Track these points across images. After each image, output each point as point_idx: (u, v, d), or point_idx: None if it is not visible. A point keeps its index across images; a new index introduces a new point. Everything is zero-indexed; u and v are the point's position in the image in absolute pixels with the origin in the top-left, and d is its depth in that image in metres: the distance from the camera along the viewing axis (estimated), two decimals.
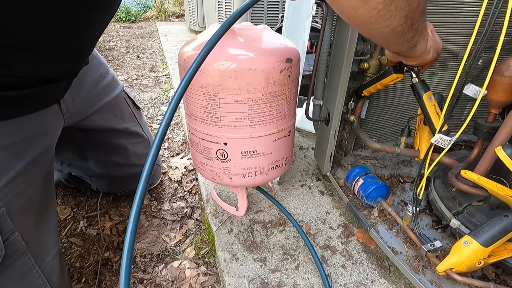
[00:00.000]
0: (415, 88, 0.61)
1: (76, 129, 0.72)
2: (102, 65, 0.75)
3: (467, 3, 0.72)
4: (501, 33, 0.44)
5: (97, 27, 0.54)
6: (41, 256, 0.52)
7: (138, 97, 1.74)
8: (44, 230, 0.54)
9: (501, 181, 0.55)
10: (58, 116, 0.59)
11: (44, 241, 0.54)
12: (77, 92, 0.64)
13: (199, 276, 0.70)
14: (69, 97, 0.61)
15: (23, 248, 0.48)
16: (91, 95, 0.71)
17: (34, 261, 0.50)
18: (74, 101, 0.64)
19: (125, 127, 0.80)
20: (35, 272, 0.50)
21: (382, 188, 0.69)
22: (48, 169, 0.57)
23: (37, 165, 0.52)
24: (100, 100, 0.73)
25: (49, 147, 0.56)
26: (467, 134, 0.73)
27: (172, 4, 4.61)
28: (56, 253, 0.55)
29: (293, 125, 0.65)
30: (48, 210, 0.56)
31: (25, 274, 0.49)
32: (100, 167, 0.83)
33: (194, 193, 0.97)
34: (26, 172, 0.49)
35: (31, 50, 0.43)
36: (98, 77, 0.73)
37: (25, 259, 0.48)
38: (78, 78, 0.61)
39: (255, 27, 0.59)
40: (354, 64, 0.65)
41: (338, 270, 0.64)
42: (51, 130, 0.57)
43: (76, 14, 0.44)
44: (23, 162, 0.49)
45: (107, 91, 0.75)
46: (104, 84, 0.74)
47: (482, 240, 0.49)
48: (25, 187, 0.49)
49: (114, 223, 0.86)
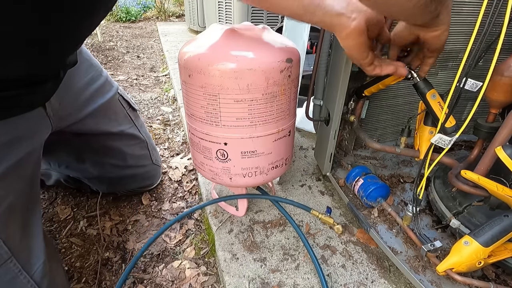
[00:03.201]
0: (418, 87, 0.60)
1: (71, 134, 0.71)
2: (94, 67, 0.74)
3: (467, 3, 0.72)
4: (501, 33, 0.44)
5: (81, 33, 0.53)
6: (30, 262, 0.51)
7: (138, 97, 1.74)
8: (30, 235, 0.53)
9: (501, 181, 0.55)
10: (43, 119, 0.58)
11: (32, 247, 0.53)
12: (64, 95, 0.63)
13: (199, 276, 0.70)
14: (56, 101, 0.60)
15: (7, 255, 0.47)
16: (82, 98, 0.70)
17: (20, 267, 0.49)
18: (62, 104, 0.63)
19: (121, 130, 0.80)
20: (22, 278, 0.49)
21: (382, 188, 0.69)
22: (32, 173, 0.56)
23: (20, 169, 0.51)
24: (93, 103, 0.72)
25: (33, 151, 0.55)
26: (467, 134, 0.73)
27: (172, 4, 4.61)
28: (47, 258, 0.54)
29: (293, 125, 0.65)
30: (33, 215, 0.55)
31: (11, 280, 0.48)
32: (97, 170, 0.83)
33: (194, 193, 0.97)
34: (7, 176, 0.49)
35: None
36: (89, 80, 0.72)
37: (10, 265, 0.48)
38: (66, 81, 0.60)
39: (255, 27, 0.59)
40: (354, 64, 0.65)
41: (338, 270, 0.64)
42: (35, 133, 0.56)
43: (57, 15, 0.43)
44: (2, 167, 0.48)
45: (100, 94, 0.74)
46: (96, 87, 0.73)
47: (482, 240, 0.49)
48: (7, 192, 0.49)
49: (114, 223, 0.86)
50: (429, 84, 0.60)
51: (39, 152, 0.58)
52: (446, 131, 0.58)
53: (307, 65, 1.17)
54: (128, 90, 1.85)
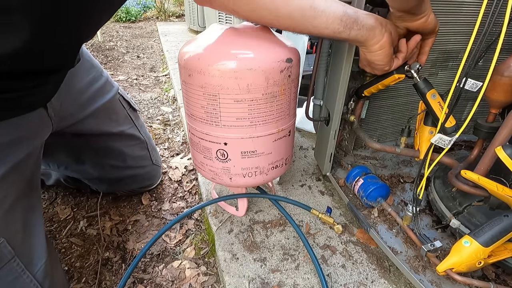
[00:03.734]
0: (418, 87, 0.60)
1: (71, 134, 0.71)
2: (95, 68, 0.74)
3: (467, 3, 0.72)
4: (501, 32, 0.44)
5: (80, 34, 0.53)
6: (32, 261, 0.51)
7: (138, 97, 1.74)
8: (32, 235, 0.53)
9: (501, 181, 0.55)
10: (44, 120, 0.58)
11: (34, 246, 0.53)
12: (66, 95, 0.63)
13: (199, 276, 0.70)
14: (57, 101, 0.61)
15: (10, 254, 0.47)
16: (82, 98, 0.70)
17: (24, 267, 0.49)
18: (63, 104, 0.63)
19: (121, 130, 0.80)
20: (25, 277, 0.50)
21: (382, 188, 0.69)
22: (32, 173, 0.56)
23: (20, 170, 0.52)
24: (93, 103, 0.72)
25: (33, 151, 0.55)
26: (467, 134, 0.73)
27: (172, 4, 4.61)
28: (48, 257, 0.54)
29: (293, 125, 0.65)
30: (34, 215, 0.55)
31: (14, 280, 0.48)
32: (97, 170, 0.83)
33: (194, 193, 0.97)
34: (7, 177, 0.49)
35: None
36: (90, 80, 0.72)
37: (13, 265, 0.48)
38: (67, 81, 0.60)
39: (255, 27, 0.59)
40: (354, 64, 0.65)
41: (338, 270, 0.64)
42: (36, 134, 0.56)
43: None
44: (4, 168, 0.48)
45: (100, 94, 0.74)
46: (97, 87, 0.73)
47: (482, 240, 0.49)
48: (8, 193, 0.49)
49: (114, 223, 0.86)
50: (429, 84, 0.60)
51: (39, 152, 0.58)
52: (446, 131, 0.58)
53: (307, 65, 1.17)
54: (128, 90, 1.85)
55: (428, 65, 0.80)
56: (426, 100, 0.60)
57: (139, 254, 0.66)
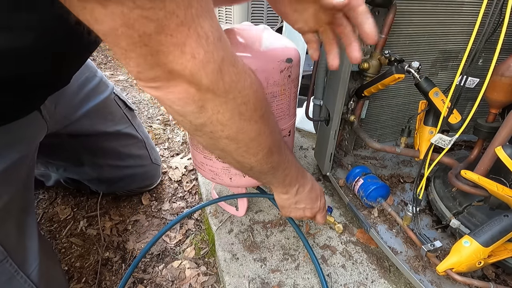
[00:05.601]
0: (420, 86, 0.60)
1: (67, 135, 0.71)
2: (89, 68, 0.74)
3: (467, 3, 0.72)
4: (501, 33, 0.44)
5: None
6: (26, 262, 0.51)
7: (138, 97, 1.74)
8: (26, 236, 0.53)
9: (501, 181, 0.55)
10: (39, 122, 0.58)
11: (28, 247, 0.53)
12: (60, 97, 0.63)
13: (199, 276, 0.70)
14: (51, 103, 0.60)
15: (2, 255, 0.47)
16: (76, 99, 0.70)
17: (17, 267, 0.49)
18: (57, 106, 0.63)
19: (117, 130, 0.80)
20: (19, 278, 0.49)
21: (382, 188, 0.69)
22: (27, 175, 0.56)
23: (14, 171, 0.51)
24: (87, 103, 0.72)
25: (27, 153, 0.55)
26: (467, 134, 0.73)
27: None
28: (44, 258, 0.54)
29: (293, 125, 0.65)
30: (28, 216, 0.55)
31: (8, 280, 0.48)
32: (96, 171, 0.82)
33: (194, 193, 0.97)
34: (1, 178, 0.49)
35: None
36: (84, 81, 0.72)
37: (6, 265, 0.48)
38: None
39: (255, 27, 0.59)
40: (354, 63, 0.65)
41: (338, 270, 0.64)
42: (30, 137, 0.56)
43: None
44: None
45: (95, 94, 0.74)
46: (90, 87, 0.73)
47: (482, 240, 0.49)
48: (1, 194, 0.49)
49: (114, 223, 0.86)
50: (431, 83, 0.60)
51: (33, 154, 0.58)
52: (453, 127, 0.58)
53: (307, 65, 1.17)
54: (128, 90, 1.85)
55: (428, 65, 0.80)
56: (429, 99, 0.60)
57: (140, 255, 0.66)
